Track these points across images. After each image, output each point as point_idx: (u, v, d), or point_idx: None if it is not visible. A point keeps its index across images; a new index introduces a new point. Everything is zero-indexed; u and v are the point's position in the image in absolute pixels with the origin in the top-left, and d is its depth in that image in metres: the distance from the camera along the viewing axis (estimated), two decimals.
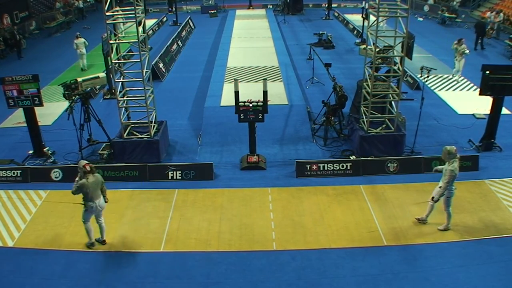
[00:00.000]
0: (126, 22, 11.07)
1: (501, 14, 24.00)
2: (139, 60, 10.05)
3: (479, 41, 21.16)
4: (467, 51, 15.64)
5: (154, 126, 10.96)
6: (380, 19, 10.27)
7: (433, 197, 8.09)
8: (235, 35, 23.24)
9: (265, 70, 16.71)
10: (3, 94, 10.68)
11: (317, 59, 16.66)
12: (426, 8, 30.70)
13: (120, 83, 10.69)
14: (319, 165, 10.27)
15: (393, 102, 11.08)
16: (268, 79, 12.37)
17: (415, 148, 11.18)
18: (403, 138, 10.91)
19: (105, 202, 7.98)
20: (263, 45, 20.91)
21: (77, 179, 7.52)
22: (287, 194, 9.59)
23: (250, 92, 12.62)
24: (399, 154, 10.76)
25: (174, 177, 10.24)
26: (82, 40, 18.24)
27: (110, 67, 12.05)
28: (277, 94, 14.03)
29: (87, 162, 7.66)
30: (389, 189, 9.69)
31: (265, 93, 10.22)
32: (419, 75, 15.11)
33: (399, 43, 10.62)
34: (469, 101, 14.30)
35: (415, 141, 11.19)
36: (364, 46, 12.43)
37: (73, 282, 7.25)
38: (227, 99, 13.43)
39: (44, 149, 11.23)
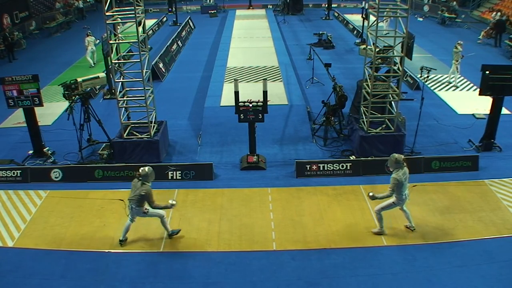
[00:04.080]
0: (126, 22, 11.07)
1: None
2: (139, 60, 10.05)
3: (498, 39, 21.65)
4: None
5: (154, 126, 10.96)
6: (381, 19, 10.26)
7: (372, 195, 7.86)
8: (235, 35, 23.25)
9: (265, 70, 16.72)
10: (3, 94, 10.68)
11: (317, 59, 16.66)
12: (426, 8, 30.71)
13: (120, 83, 10.69)
14: (319, 165, 10.27)
15: (393, 102, 11.08)
16: (268, 79, 12.39)
17: (415, 148, 11.18)
18: (403, 138, 10.91)
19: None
20: (263, 45, 20.92)
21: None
22: (287, 194, 9.59)
23: (250, 92, 12.63)
24: None
25: (174, 177, 10.24)
26: (93, 38, 18.66)
27: (110, 67, 12.04)
28: (277, 94, 14.03)
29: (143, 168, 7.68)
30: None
31: (265, 93, 10.22)
32: (419, 75, 15.11)
33: (399, 43, 10.62)
34: (469, 101, 14.31)
35: (415, 141, 11.20)
36: (364, 46, 12.43)
37: (73, 282, 7.25)
38: (227, 99, 13.44)
39: (44, 149, 11.23)
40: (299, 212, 8.96)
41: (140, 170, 7.65)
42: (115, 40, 10.83)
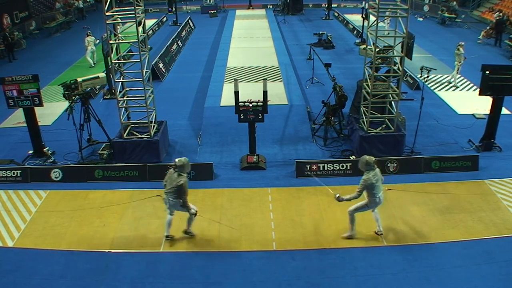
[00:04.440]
0: (126, 22, 11.07)
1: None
2: (139, 60, 10.05)
3: (499, 39, 21.77)
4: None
5: (154, 126, 10.96)
6: (381, 19, 10.26)
7: (338, 197, 7.73)
8: (235, 35, 23.24)
9: (265, 70, 16.71)
10: (3, 94, 10.68)
11: (317, 59, 16.65)
12: (426, 8, 30.72)
13: (120, 83, 10.69)
14: (319, 165, 10.27)
15: (393, 102, 11.08)
16: (268, 79, 12.39)
17: (415, 148, 11.18)
18: (403, 138, 10.91)
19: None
20: (263, 45, 20.92)
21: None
22: (287, 194, 9.59)
23: (250, 92, 12.63)
24: (399, 154, 10.76)
25: None
26: (93, 38, 18.70)
27: (110, 67, 12.04)
28: (277, 94, 14.03)
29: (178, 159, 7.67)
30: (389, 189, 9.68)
31: (265, 93, 10.22)
32: (419, 75, 15.11)
33: (399, 43, 10.62)
34: (469, 101, 14.31)
35: (415, 141, 11.20)
36: (364, 46, 12.43)
37: (73, 282, 7.25)
38: (227, 99, 13.43)
39: (44, 149, 11.22)
40: (299, 212, 8.96)
41: (176, 161, 7.62)
42: (115, 40, 10.82)
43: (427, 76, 15.62)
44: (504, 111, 12.47)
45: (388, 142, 10.81)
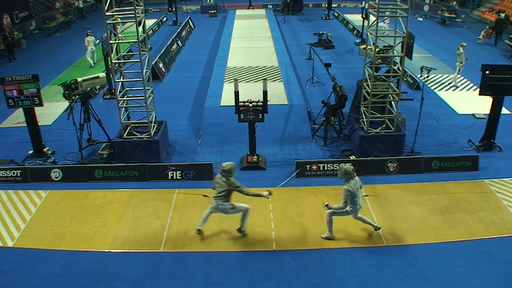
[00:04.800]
0: (126, 22, 11.07)
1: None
2: (139, 60, 10.05)
3: (499, 38, 21.86)
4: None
5: (154, 126, 10.96)
6: (381, 19, 10.26)
7: (327, 205, 7.83)
8: (235, 35, 23.24)
9: (265, 70, 16.71)
10: (3, 94, 10.68)
11: (317, 59, 16.66)
12: (426, 8, 30.72)
13: (120, 83, 10.69)
14: (319, 165, 10.27)
15: (393, 102, 11.08)
16: (268, 79, 12.38)
17: (415, 148, 11.18)
18: (403, 138, 10.91)
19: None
20: (263, 45, 20.92)
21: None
22: (287, 194, 9.58)
23: (250, 92, 12.62)
24: (399, 154, 10.76)
25: (174, 177, 10.24)
26: (93, 38, 18.74)
27: (110, 67, 12.04)
28: (277, 94, 14.03)
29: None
30: (389, 189, 9.69)
31: (265, 93, 10.22)
32: (419, 75, 15.11)
33: (399, 43, 10.62)
34: (469, 101, 14.31)
35: (415, 141, 11.20)
36: (364, 46, 12.43)
37: (73, 282, 7.25)
38: (227, 99, 13.43)
39: (44, 149, 11.23)
40: (299, 212, 8.96)
41: (224, 165, 7.72)
42: (115, 40, 10.82)
43: (427, 76, 15.60)
44: (504, 111, 12.47)
45: (388, 142, 10.81)
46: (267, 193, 7.88)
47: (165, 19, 29.99)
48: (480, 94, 10.97)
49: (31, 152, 11.23)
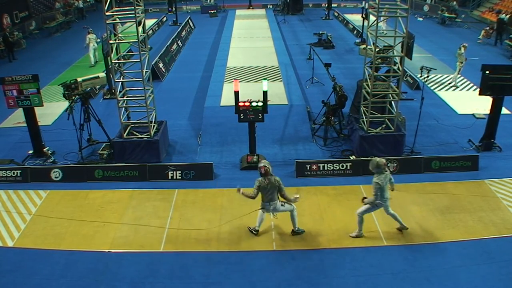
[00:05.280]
0: (126, 22, 11.07)
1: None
2: (139, 60, 10.05)
3: (499, 38, 21.89)
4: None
5: (154, 126, 10.96)
6: (380, 19, 10.25)
7: (364, 199, 8.00)
8: (235, 35, 23.24)
9: (265, 70, 16.71)
10: (3, 94, 10.68)
11: (317, 59, 16.66)
12: (426, 8, 30.71)
13: (120, 83, 10.69)
14: (319, 165, 10.27)
15: (393, 102, 11.08)
16: (268, 79, 12.36)
17: (415, 148, 11.18)
18: (403, 138, 10.91)
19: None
20: (263, 45, 20.92)
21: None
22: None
23: (250, 92, 12.63)
24: (399, 154, 10.76)
25: (174, 177, 10.24)
26: (94, 35, 18.85)
27: (110, 67, 12.04)
28: (277, 94, 14.03)
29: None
30: (389, 189, 9.66)
31: (265, 93, 10.22)
32: (419, 75, 15.12)
33: (399, 43, 10.62)
34: (469, 101, 14.31)
35: (415, 141, 11.20)
36: (364, 46, 12.43)
37: (73, 282, 7.25)
38: (227, 99, 13.43)
39: (44, 149, 11.23)
40: (299, 212, 8.91)
41: (267, 165, 7.78)
42: (115, 40, 10.83)
43: (427, 76, 15.60)
44: (504, 111, 12.48)
45: (388, 142, 10.80)
46: (294, 198, 7.96)
47: (165, 19, 29.99)
48: (480, 94, 10.97)
49: (31, 152, 11.23)
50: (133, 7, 9.71)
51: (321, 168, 10.26)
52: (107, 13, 9.72)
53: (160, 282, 7.25)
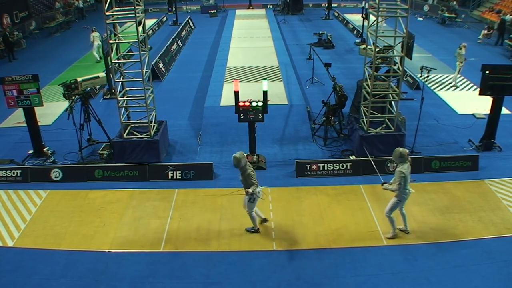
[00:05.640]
0: (126, 22, 11.07)
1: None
2: (139, 60, 10.05)
3: (500, 38, 21.92)
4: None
5: (154, 126, 10.96)
6: (380, 19, 10.26)
7: (383, 183, 7.83)
8: (235, 35, 23.24)
9: (265, 70, 16.71)
10: (3, 94, 10.67)
11: (317, 59, 16.66)
12: (426, 8, 30.71)
13: (120, 83, 10.69)
14: (319, 165, 10.27)
15: (393, 102, 11.08)
16: (268, 79, 12.36)
17: (415, 148, 11.18)
18: (403, 138, 10.91)
19: None
20: (263, 45, 20.92)
21: None
22: (287, 194, 9.58)
23: (250, 92, 12.63)
24: None
25: (174, 177, 10.24)
26: (98, 33, 19.02)
27: (110, 67, 12.04)
28: (277, 94, 14.03)
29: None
30: None
31: (265, 93, 10.22)
32: (419, 75, 15.13)
33: (399, 43, 10.62)
34: (469, 101, 14.31)
35: (415, 141, 11.20)
36: (364, 46, 12.43)
37: (73, 282, 7.25)
38: (227, 99, 13.43)
39: (44, 149, 11.23)
40: (299, 212, 8.96)
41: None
42: (115, 40, 10.82)
43: (427, 76, 15.62)
44: (504, 111, 12.48)
45: (388, 142, 10.79)
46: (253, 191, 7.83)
47: (165, 19, 29.98)
48: (480, 94, 10.97)
49: (31, 152, 11.23)
50: (133, 7, 9.71)
51: (321, 168, 10.26)
52: (107, 13, 9.72)
53: (160, 282, 7.25)
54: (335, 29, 26.01)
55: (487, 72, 10.54)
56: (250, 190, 7.70)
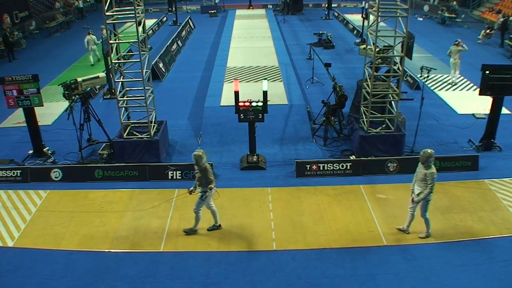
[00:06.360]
0: (126, 22, 11.07)
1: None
2: (139, 60, 10.05)
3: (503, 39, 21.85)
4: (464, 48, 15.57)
5: (154, 126, 10.96)
6: (380, 18, 10.26)
7: (413, 199, 7.83)
8: (235, 35, 23.24)
9: (265, 70, 16.71)
10: (3, 94, 10.68)
11: (317, 59, 16.66)
12: (426, 8, 30.71)
13: (120, 83, 10.69)
14: (319, 165, 10.27)
15: (393, 102, 11.08)
16: (268, 79, 12.38)
17: (415, 148, 11.17)
18: (403, 138, 10.91)
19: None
20: (263, 45, 20.92)
21: None
22: (287, 194, 9.59)
23: (250, 92, 12.63)
24: (399, 154, 10.75)
25: (174, 177, 10.24)
26: (94, 37, 18.84)
27: (110, 67, 12.04)
28: (277, 94, 14.03)
29: None
30: (389, 189, 9.69)
31: (265, 93, 10.22)
32: (419, 75, 15.11)
33: (399, 43, 10.62)
34: (469, 101, 14.30)
35: (415, 141, 11.20)
36: (364, 46, 12.43)
37: (73, 282, 7.25)
38: (227, 99, 13.43)
39: (44, 149, 11.23)
40: (299, 212, 8.96)
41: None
42: (115, 40, 10.82)
43: (427, 76, 15.60)
44: (504, 111, 12.47)
45: (388, 142, 10.80)
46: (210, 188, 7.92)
47: (165, 19, 29.98)
48: (480, 94, 10.97)
49: (31, 152, 11.23)
50: (133, 7, 9.71)
51: (321, 168, 10.26)
52: (107, 13, 9.72)
53: (160, 282, 7.25)
54: (335, 29, 26.00)
55: (487, 72, 10.54)
56: (212, 185, 7.87)
